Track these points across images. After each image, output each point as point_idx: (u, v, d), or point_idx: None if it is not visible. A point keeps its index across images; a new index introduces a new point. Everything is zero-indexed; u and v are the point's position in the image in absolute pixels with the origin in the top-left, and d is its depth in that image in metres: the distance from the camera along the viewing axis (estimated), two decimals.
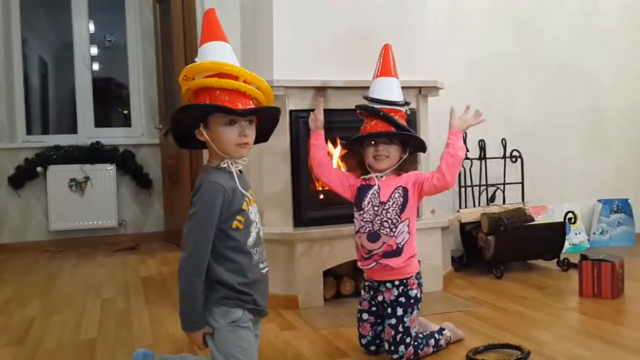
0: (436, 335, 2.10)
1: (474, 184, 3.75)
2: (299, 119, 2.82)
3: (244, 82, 1.66)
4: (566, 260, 3.38)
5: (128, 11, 5.44)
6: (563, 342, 2.17)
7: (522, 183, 3.80)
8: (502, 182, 3.80)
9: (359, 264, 2.15)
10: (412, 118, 2.93)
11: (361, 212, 2.12)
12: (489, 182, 3.78)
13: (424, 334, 2.09)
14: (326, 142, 2.84)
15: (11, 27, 5.11)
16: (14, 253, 4.69)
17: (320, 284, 2.76)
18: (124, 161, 5.18)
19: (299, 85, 2.82)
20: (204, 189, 1.60)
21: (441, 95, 3.17)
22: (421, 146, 2.14)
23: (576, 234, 4.03)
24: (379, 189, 2.09)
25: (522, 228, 3.36)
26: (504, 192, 3.79)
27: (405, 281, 2.06)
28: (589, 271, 2.77)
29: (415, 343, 2.02)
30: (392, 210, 2.06)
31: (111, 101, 6.18)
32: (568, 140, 4.16)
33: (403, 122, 2.13)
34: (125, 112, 5.78)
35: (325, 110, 2.41)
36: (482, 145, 3.77)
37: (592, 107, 4.22)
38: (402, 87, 2.28)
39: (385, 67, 2.25)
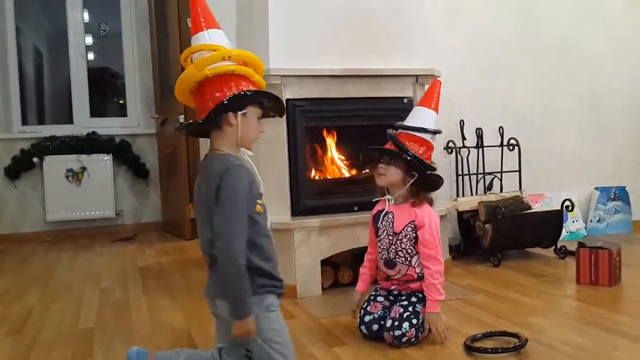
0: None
1: (471, 172, 3.75)
2: (296, 107, 2.81)
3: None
4: (563, 248, 3.39)
5: None
6: (561, 329, 2.18)
7: (520, 171, 3.80)
8: (500, 170, 3.80)
9: (380, 283, 2.27)
10: (409, 107, 2.91)
11: (378, 238, 2.21)
12: (486, 171, 3.78)
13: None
14: (322, 131, 2.85)
15: (5, 16, 5.07)
16: (12, 244, 4.68)
17: (318, 273, 2.76)
18: (121, 151, 5.16)
19: (295, 74, 2.80)
20: (233, 172, 1.59)
21: None
22: (430, 180, 2.15)
23: (573, 221, 4.03)
24: (393, 217, 2.16)
25: (519, 216, 3.36)
26: (501, 180, 3.79)
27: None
28: (586, 259, 2.78)
29: (417, 326, 2.05)
30: (407, 242, 2.14)
31: (107, 91, 6.15)
32: (565, 128, 4.15)
33: (418, 150, 2.12)
34: (121, 101, 5.75)
35: (322, 99, 2.40)
36: (479, 134, 3.76)
37: (589, 94, 4.21)
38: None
39: (425, 99, 2.26)
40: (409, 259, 2.14)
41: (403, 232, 2.14)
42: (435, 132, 2.20)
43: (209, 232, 1.60)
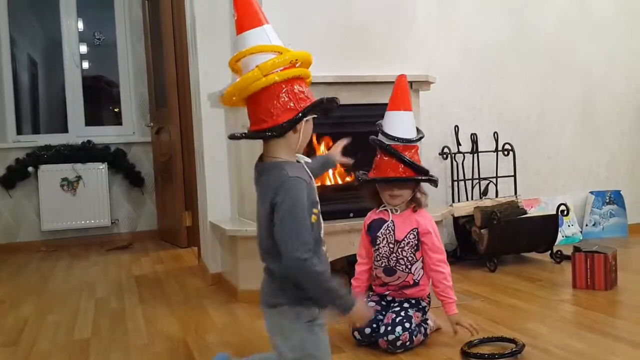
0: (423, 324, 2.16)
1: (466, 177, 3.76)
2: None
3: None
4: (559, 253, 3.40)
5: (117, 8, 5.40)
6: (557, 334, 2.18)
7: (515, 176, 3.81)
8: (495, 175, 3.81)
9: (374, 288, 2.26)
10: None
11: (376, 247, 2.18)
12: (481, 176, 3.79)
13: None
14: (316, 138, 2.85)
15: None
16: (7, 254, 4.66)
17: None
18: (116, 160, 5.15)
19: None
20: (289, 186, 1.50)
21: (433, 88, 3.17)
22: (431, 181, 2.17)
23: (569, 226, 4.04)
24: (394, 225, 2.15)
25: (515, 221, 3.36)
26: (496, 185, 3.80)
27: (418, 299, 2.18)
28: (582, 263, 2.78)
29: (410, 330, 2.05)
30: (408, 249, 2.14)
31: (102, 99, 6.15)
32: (560, 133, 4.16)
33: (416, 158, 2.14)
34: (116, 110, 5.75)
35: None
36: (474, 139, 3.77)
37: (583, 99, 4.23)
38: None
39: (400, 100, 2.20)
40: (409, 266, 2.14)
41: (405, 239, 2.13)
42: (421, 137, 2.20)
43: (262, 240, 1.57)
